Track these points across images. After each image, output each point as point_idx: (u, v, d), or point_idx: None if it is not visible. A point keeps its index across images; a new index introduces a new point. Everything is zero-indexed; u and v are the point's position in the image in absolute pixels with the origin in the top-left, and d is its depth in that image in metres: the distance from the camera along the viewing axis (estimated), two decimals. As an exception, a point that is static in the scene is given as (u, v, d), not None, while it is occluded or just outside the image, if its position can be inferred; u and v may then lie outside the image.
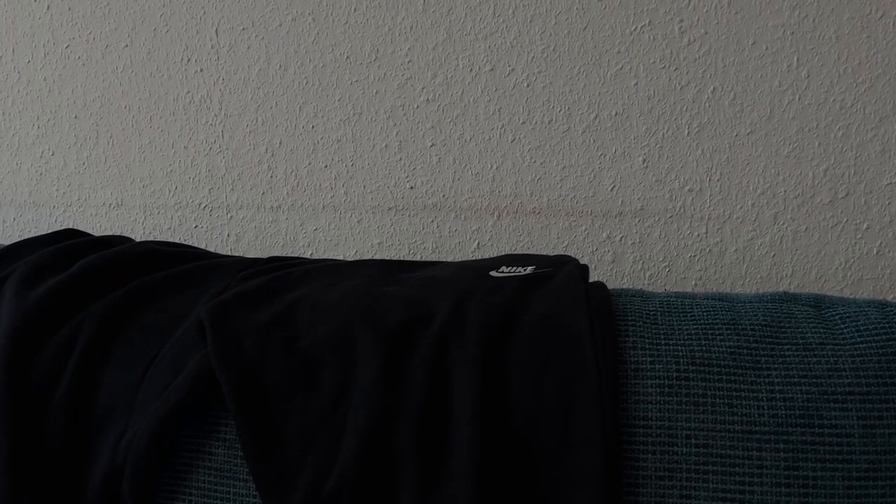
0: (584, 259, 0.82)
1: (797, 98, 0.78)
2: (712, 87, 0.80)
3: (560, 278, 0.62)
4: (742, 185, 0.80)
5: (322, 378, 0.55)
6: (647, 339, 0.55)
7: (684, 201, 0.82)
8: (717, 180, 0.81)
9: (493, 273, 0.64)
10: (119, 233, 0.94)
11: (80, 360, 0.60)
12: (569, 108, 0.82)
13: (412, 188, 0.87)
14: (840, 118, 0.78)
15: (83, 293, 0.65)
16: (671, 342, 0.54)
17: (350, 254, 0.89)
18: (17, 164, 0.96)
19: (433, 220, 0.87)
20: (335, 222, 0.89)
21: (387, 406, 0.53)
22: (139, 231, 0.94)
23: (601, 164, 0.83)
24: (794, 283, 0.81)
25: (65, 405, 0.59)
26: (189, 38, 0.89)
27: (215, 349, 0.57)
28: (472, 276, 0.63)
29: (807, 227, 0.80)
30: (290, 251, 0.91)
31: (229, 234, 0.92)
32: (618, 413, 0.51)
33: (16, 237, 0.95)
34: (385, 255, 0.89)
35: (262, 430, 0.54)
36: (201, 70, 0.89)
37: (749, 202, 0.81)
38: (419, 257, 0.88)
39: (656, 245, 0.83)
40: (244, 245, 0.92)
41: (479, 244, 0.86)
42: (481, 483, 0.49)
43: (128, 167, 0.93)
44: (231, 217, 0.91)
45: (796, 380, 0.52)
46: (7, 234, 0.97)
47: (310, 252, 0.90)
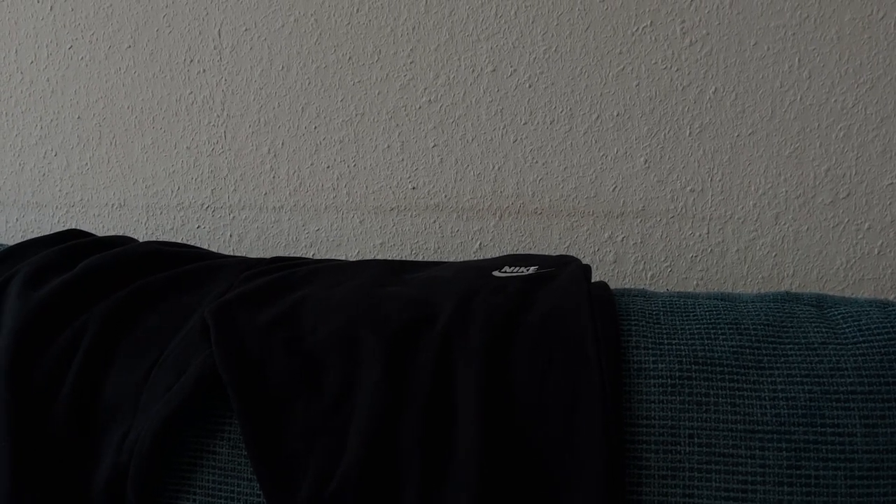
0: (586, 259, 0.82)
1: (798, 98, 0.79)
2: (714, 88, 0.80)
3: (562, 278, 0.62)
4: (744, 186, 0.81)
5: (326, 378, 0.55)
6: (649, 339, 0.55)
7: (686, 201, 0.82)
8: (719, 180, 0.81)
9: (496, 273, 0.64)
10: (122, 233, 0.94)
11: (83, 361, 0.60)
12: (571, 109, 0.83)
13: (414, 188, 0.87)
14: (841, 119, 0.78)
15: (87, 294, 0.65)
16: (674, 342, 0.55)
17: (352, 254, 0.89)
18: (21, 164, 0.96)
19: (435, 221, 0.87)
20: (337, 223, 0.89)
21: (390, 406, 0.53)
22: (142, 231, 0.94)
23: (603, 164, 0.83)
24: (796, 283, 0.81)
25: (68, 405, 0.59)
26: (192, 38, 0.89)
27: (219, 349, 0.57)
28: (475, 276, 0.63)
29: (808, 228, 0.80)
30: (293, 251, 0.91)
31: (232, 235, 0.92)
32: (621, 412, 0.51)
33: (19, 238, 0.95)
34: (387, 255, 0.89)
35: (266, 429, 0.54)
36: (204, 71, 0.90)
37: (751, 202, 0.81)
38: (421, 258, 0.88)
39: (658, 245, 0.83)
40: (246, 245, 0.92)
41: (481, 244, 0.87)
42: (485, 483, 0.49)
43: (131, 168, 0.93)
44: (233, 217, 0.91)
45: (799, 379, 0.52)
46: (10, 235, 0.98)
47: (312, 252, 0.91)
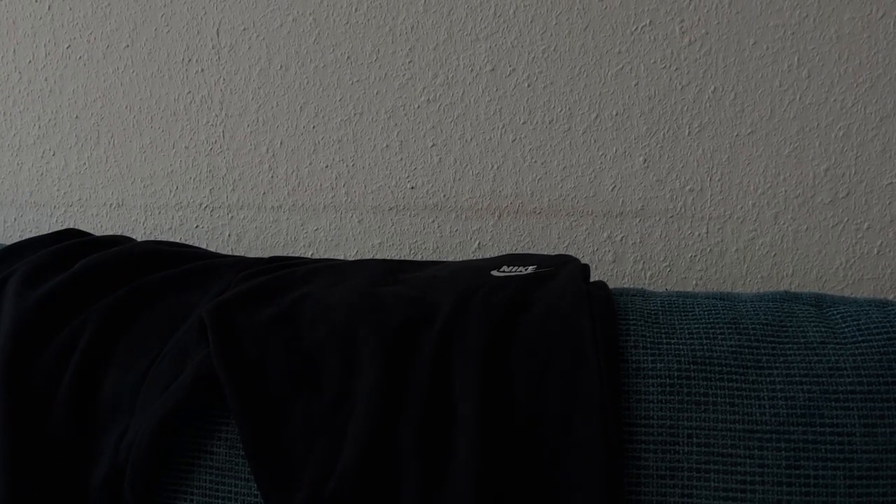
0: (584, 259, 0.82)
1: (798, 98, 0.78)
2: (713, 87, 0.80)
3: (561, 278, 0.62)
4: (743, 185, 0.80)
5: (324, 377, 0.55)
6: (648, 339, 0.55)
7: (685, 201, 0.82)
8: (718, 180, 0.81)
9: (495, 272, 0.64)
10: (120, 233, 0.94)
11: (81, 360, 0.60)
12: (570, 108, 0.82)
13: (413, 188, 0.87)
14: (841, 118, 0.78)
15: (84, 293, 0.64)
16: (673, 341, 0.54)
17: (351, 254, 0.89)
18: (19, 164, 0.96)
19: (434, 220, 0.87)
20: (336, 222, 0.89)
21: (389, 406, 0.53)
22: (140, 231, 0.94)
23: (602, 163, 0.83)
24: (795, 283, 0.81)
25: (66, 405, 0.59)
26: (190, 38, 0.89)
27: (217, 349, 0.57)
28: (474, 275, 0.63)
29: (807, 227, 0.80)
30: (291, 251, 0.91)
31: (230, 234, 0.92)
32: (619, 412, 0.51)
33: (17, 237, 0.95)
34: (386, 255, 0.89)
35: (264, 429, 0.54)
36: (202, 70, 0.89)
37: (750, 202, 0.81)
38: (420, 257, 0.88)
39: (657, 245, 0.83)
40: (245, 245, 0.92)
41: (479, 244, 0.86)
42: (484, 483, 0.49)
43: (129, 167, 0.93)
44: (232, 217, 0.91)
45: (798, 379, 0.52)
46: (8, 235, 0.97)
47: (311, 252, 0.90)
